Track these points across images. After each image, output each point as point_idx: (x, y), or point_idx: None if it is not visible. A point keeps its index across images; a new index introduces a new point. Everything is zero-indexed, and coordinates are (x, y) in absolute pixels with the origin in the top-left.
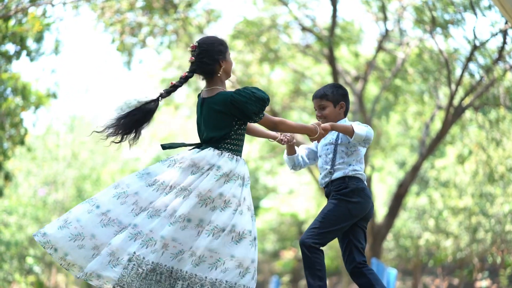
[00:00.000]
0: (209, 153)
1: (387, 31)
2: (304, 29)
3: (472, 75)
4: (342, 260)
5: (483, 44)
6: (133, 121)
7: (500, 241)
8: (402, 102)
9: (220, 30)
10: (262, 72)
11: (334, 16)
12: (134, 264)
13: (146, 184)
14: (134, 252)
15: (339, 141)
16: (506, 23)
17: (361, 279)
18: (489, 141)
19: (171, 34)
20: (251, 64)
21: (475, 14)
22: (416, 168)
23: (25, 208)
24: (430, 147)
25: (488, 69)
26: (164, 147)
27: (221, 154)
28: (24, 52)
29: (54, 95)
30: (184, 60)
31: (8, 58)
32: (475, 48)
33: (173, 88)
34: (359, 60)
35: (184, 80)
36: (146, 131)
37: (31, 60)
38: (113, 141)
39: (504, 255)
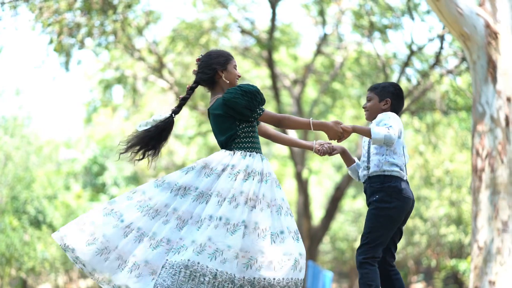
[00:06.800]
0: (220, 154)
1: (325, 35)
2: (243, 31)
3: (409, 80)
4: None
5: (420, 49)
6: (150, 138)
7: (435, 244)
8: (340, 106)
9: (159, 32)
10: None
11: (273, 19)
12: (169, 270)
13: (167, 193)
14: (167, 260)
15: None
16: (443, 28)
17: (387, 282)
18: (426, 145)
19: (109, 35)
20: (190, 66)
21: (413, 19)
22: None
23: None
24: None
25: (424, 74)
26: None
27: (233, 153)
28: None
29: None
30: (122, 61)
31: None
32: (412, 52)
33: (183, 101)
34: (297, 63)
35: (190, 91)
36: (164, 147)
37: None
38: (135, 159)
39: (439, 258)
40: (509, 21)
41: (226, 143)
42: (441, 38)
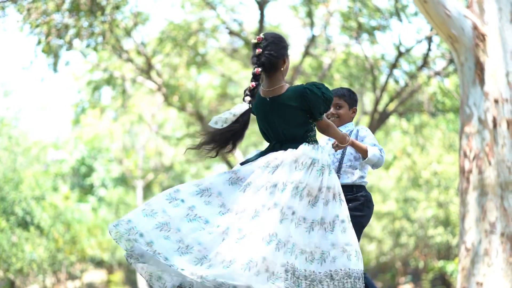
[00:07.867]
0: (307, 148)
1: (313, 36)
2: (231, 33)
3: (397, 81)
4: None
5: (408, 50)
6: (232, 134)
7: (423, 246)
8: None
9: (147, 33)
10: (190, 76)
11: (261, 20)
12: (291, 274)
13: (262, 193)
14: (287, 262)
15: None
16: (431, 30)
17: None
18: (414, 147)
19: (97, 36)
20: (178, 68)
21: (401, 20)
22: None
23: None
24: None
25: (412, 76)
26: (243, 163)
27: (315, 147)
28: None
29: None
30: (110, 62)
31: None
32: (400, 54)
33: (255, 89)
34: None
35: (259, 76)
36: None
37: None
38: (210, 156)
39: (426, 259)
40: (497, 23)
41: (302, 136)
42: (429, 40)
